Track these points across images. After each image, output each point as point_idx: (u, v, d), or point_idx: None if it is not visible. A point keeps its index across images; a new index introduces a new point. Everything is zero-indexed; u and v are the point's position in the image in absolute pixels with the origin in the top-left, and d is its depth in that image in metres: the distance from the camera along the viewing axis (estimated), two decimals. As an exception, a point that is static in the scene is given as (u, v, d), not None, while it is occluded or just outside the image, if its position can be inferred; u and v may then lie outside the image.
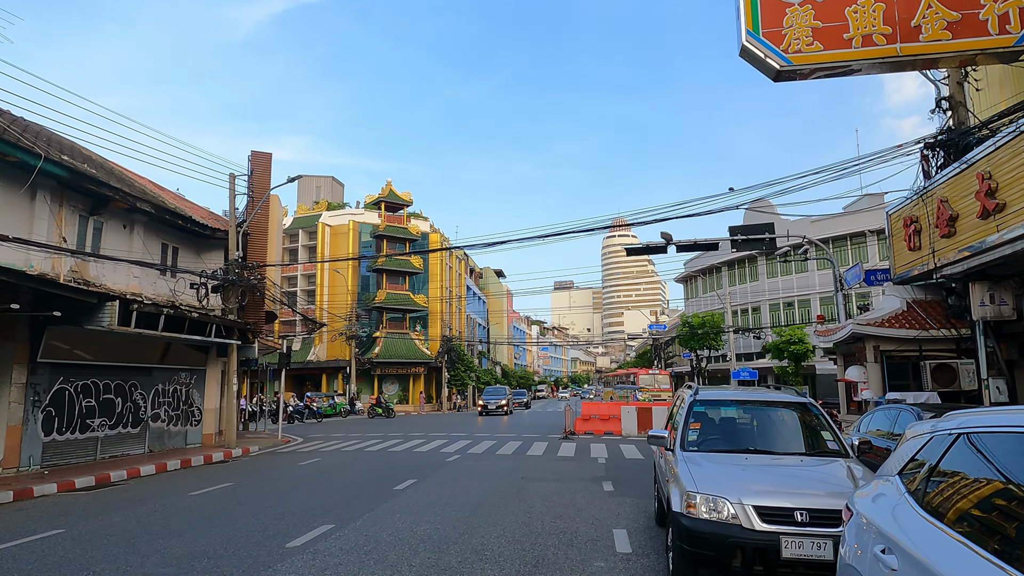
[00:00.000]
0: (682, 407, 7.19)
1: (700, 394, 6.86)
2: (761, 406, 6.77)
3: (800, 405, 6.67)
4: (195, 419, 21.31)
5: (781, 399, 6.78)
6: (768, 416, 6.69)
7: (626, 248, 18.15)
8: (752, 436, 6.48)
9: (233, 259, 21.14)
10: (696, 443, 6.34)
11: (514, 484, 11.73)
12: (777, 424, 6.61)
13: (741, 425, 6.69)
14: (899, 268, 13.93)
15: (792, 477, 5.49)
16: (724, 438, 6.49)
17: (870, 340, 13.31)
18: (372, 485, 11.93)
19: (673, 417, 7.94)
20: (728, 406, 6.90)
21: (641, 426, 22.36)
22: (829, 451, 6.12)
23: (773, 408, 6.73)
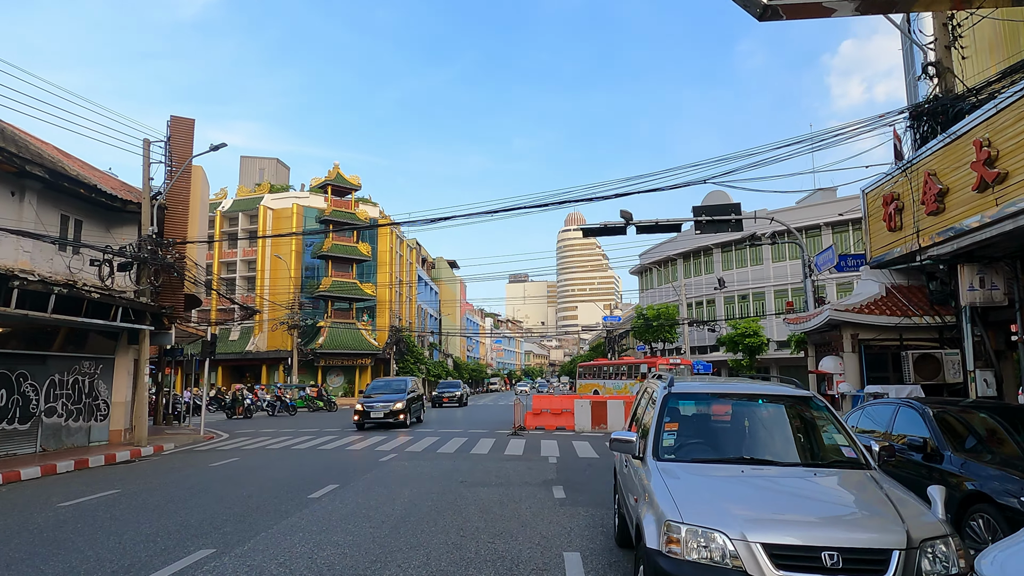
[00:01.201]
0: (651, 403, 5.71)
1: (676, 386, 5.37)
2: (754, 401, 5.32)
3: (802, 400, 5.25)
4: (101, 414, 19.00)
5: (778, 392, 5.35)
6: (763, 414, 5.24)
7: (582, 228, 16.74)
8: (745, 440, 5.01)
9: (146, 235, 18.86)
10: (673, 450, 4.85)
11: (451, 490, 10.13)
12: (775, 424, 5.17)
13: (730, 426, 5.23)
14: (876, 250, 12.83)
15: (808, 499, 4.04)
16: (709, 443, 5.00)
17: (848, 328, 12.20)
18: (284, 492, 10.17)
19: (638, 415, 6.46)
20: (712, 401, 5.42)
21: (595, 421, 21.03)
22: (845, 460, 4.70)
23: (769, 404, 5.29)
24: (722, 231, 15.97)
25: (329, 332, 50.75)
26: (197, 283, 21.47)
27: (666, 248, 52.78)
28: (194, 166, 21.39)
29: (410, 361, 55.86)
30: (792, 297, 42.17)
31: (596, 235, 16.65)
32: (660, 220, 16.15)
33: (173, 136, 20.40)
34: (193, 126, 20.96)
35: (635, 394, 7.12)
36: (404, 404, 23.03)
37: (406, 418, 22.95)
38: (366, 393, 24.98)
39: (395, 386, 25.20)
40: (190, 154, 20.50)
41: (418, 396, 26.42)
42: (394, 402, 22.93)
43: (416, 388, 26.24)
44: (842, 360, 12.21)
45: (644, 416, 5.84)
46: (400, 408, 22.81)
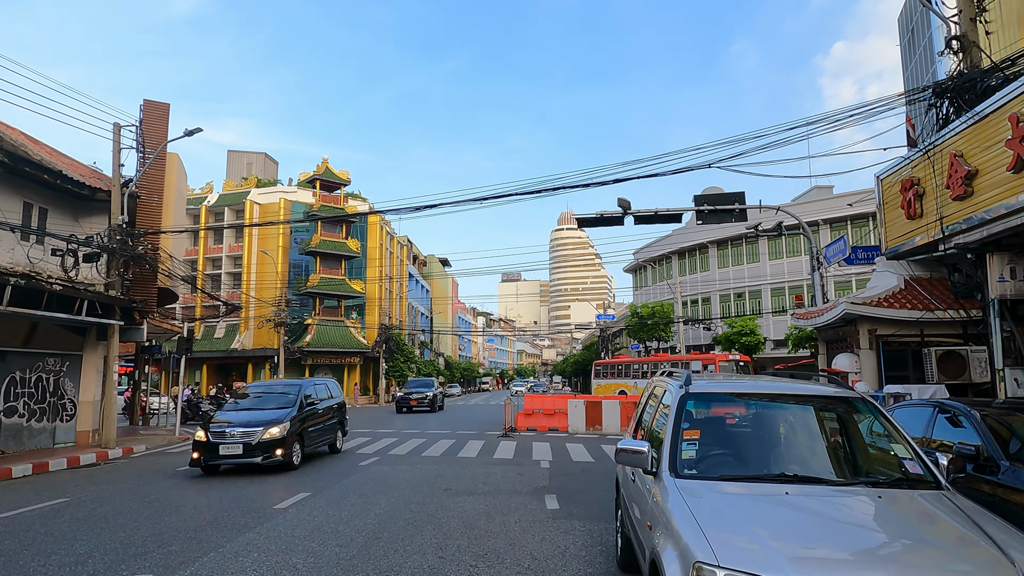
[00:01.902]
0: (661, 405, 4.79)
1: (694, 384, 4.44)
2: (792, 403, 4.40)
3: (850, 401, 4.34)
4: (67, 414, 17.94)
5: (820, 392, 4.43)
6: (803, 420, 4.32)
7: (577, 218, 15.82)
8: (785, 452, 4.08)
9: (116, 224, 17.80)
10: (695, 464, 3.93)
11: (433, 499, 9.18)
12: (819, 432, 4.26)
13: (764, 434, 4.29)
14: (893, 240, 11.96)
15: (881, 532, 3.12)
16: (740, 455, 4.06)
17: (864, 323, 11.33)
18: (249, 501, 9.19)
19: (644, 420, 5.54)
20: (741, 403, 4.49)
21: (589, 422, 20.12)
22: (911, 477, 3.78)
23: (807, 406, 4.37)
24: (725, 221, 15.12)
25: (317, 330, 49.64)
26: (172, 276, 20.42)
27: (661, 245, 51.96)
28: (169, 153, 20.36)
29: (400, 360, 54.81)
30: (790, 295, 41.44)
31: (592, 225, 15.75)
32: (659, 210, 15.25)
33: (146, 121, 19.33)
34: (168, 111, 19.89)
35: None
36: (285, 429, 12.19)
37: (289, 454, 12.18)
38: (225, 408, 13.98)
39: (278, 396, 13.80)
40: (164, 140, 19.44)
41: (330, 410, 15.00)
42: (265, 426, 12.10)
43: (328, 395, 15.21)
44: (858, 358, 11.32)
45: (654, 421, 4.91)
46: (275, 437, 11.99)
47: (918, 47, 45.88)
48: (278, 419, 12.39)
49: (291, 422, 12.49)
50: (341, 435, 15.74)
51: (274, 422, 12.25)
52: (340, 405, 15.90)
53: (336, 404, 15.62)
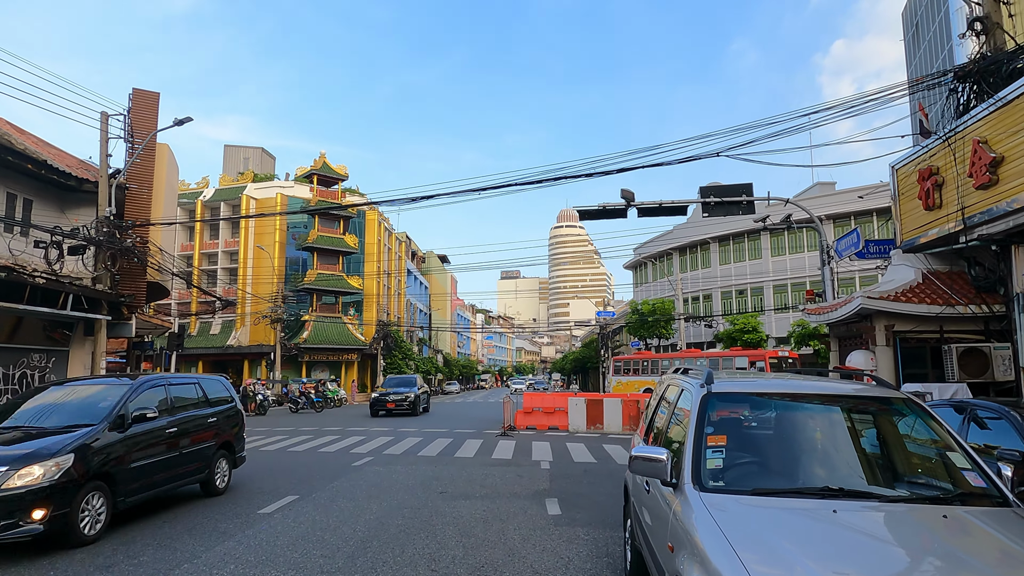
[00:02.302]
0: (679, 408, 4.28)
1: (717, 383, 3.93)
2: (827, 404, 3.89)
3: (895, 403, 3.82)
4: (53, 411, 17.38)
5: (860, 393, 3.91)
6: (841, 423, 3.81)
7: (579, 210, 15.30)
8: (824, 461, 3.57)
9: (103, 216, 17.27)
10: (723, 474, 3.42)
11: (428, 504, 8.68)
12: (860, 437, 3.75)
13: (798, 440, 3.77)
14: (909, 232, 11.47)
15: (956, 560, 2.60)
16: (772, 465, 3.54)
17: (881, 318, 10.82)
18: (232, 505, 8.69)
19: (657, 423, 5.04)
20: (769, 404, 3.96)
21: (590, 421, 19.63)
22: (975, 492, 3.27)
23: (847, 409, 3.86)
24: (732, 214, 14.62)
25: (314, 326, 49.11)
26: (162, 270, 19.88)
27: (662, 241, 51.45)
28: (160, 144, 19.81)
29: (398, 357, 54.30)
30: (792, 292, 40.97)
31: (594, 218, 15.24)
32: (664, 202, 14.74)
33: (135, 110, 18.77)
34: (157, 100, 19.36)
35: None
36: (59, 469, 6.40)
37: (65, 516, 6.38)
38: None
39: (77, 405, 7.88)
40: (154, 130, 18.89)
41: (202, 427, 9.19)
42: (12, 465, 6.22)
43: (200, 399, 9.51)
44: (874, 355, 10.82)
45: (669, 426, 4.40)
46: (30, 487, 6.16)
47: (923, 41, 45.39)
48: (46, 451, 6.53)
49: (84, 452, 6.79)
50: (227, 466, 9.81)
51: (35, 457, 6.41)
52: (227, 416, 10.02)
53: (217, 415, 9.68)
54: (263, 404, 30.78)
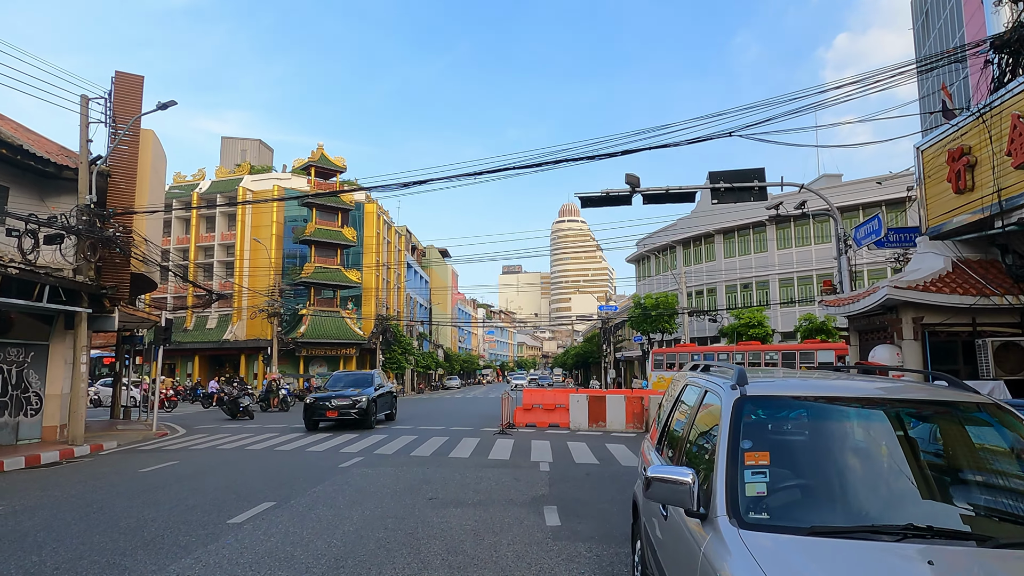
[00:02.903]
0: (703, 413, 3.50)
1: (751, 384, 3.14)
2: (893, 408, 3.09)
3: (979, 409, 3.04)
4: (32, 408, 16.71)
5: (936, 397, 3.11)
6: (915, 435, 3.02)
7: (581, 197, 14.49)
8: (898, 485, 2.78)
9: (82, 204, 16.50)
10: (768, 505, 2.64)
11: (414, 512, 7.92)
12: (949, 457, 2.96)
13: (861, 458, 2.98)
14: (936, 218, 10.66)
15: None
16: (832, 492, 2.75)
17: (908, 310, 10.03)
18: (202, 513, 7.93)
19: (672, 431, 4.26)
20: (821, 411, 3.15)
21: (592, 418, 18.87)
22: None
23: (919, 416, 3.07)
24: (743, 200, 13.82)
25: (311, 320, 48.41)
26: (148, 262, 19.11)
27: (665, 234, 50.62)
28: (144, 130, 19.02)
29: (397, 351, 53.58)
30: (799, 286, 40.15)
31: (597, 205, 14.44)
32: (671, 187, 13.92)
33: (118, 94, 17.98)
34: (141, 84, 18.55)
35: None
36: None
37: None
38: None
39: None
40: (137, 115, 18.10)
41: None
42: None
43: None
44: (900, 350, 10.04)
45: (690, 436, 3.61)
46: None
47: (932, 29, 44.39)
48: None
49: None
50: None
51: None
52: None
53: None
54: (286, 399, 29.73)
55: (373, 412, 19.59)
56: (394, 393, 23.09)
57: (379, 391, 20.70)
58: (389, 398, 22.23)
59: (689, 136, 10.89)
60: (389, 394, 22.32)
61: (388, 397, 22.06)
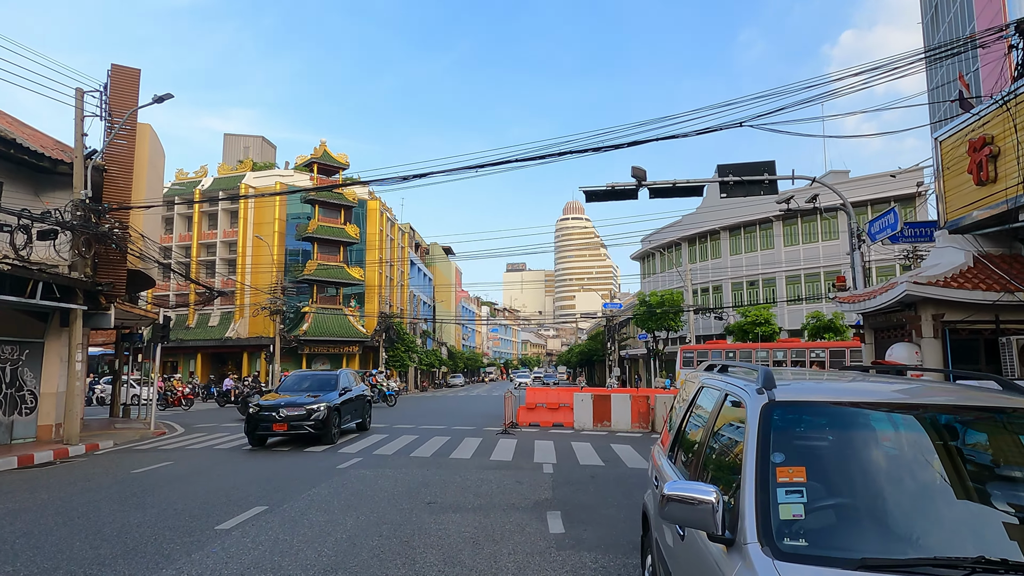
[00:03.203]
0: (720, 419, 3.14)
1: (781, 389, 2.77)
2: (949, 415, 2.71)
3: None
4: (27, 406, 16.43)
5: (991, 404, 2.73)
6: (970, 447, 2.65)
7: (586, 191, 14.10)
8: (955, 507, 2.40)
9: (77, 198, 16.19)
10: (807, 529, 2.26)
11: (412, 518, 7.57)
12: (1000, 469, 2.58)
13: (914, 474, 2.59)
14: (956, 211, 10.24)
15: None
16: (882, 514, 2.37)
17: (928, 306, 9.63)
18: (189, 518, 7.60)
19: (683, 435, 3.89)
20: (863, 420, 2.76)
21: (597, 418, 18.50)
22: None
23: (974, 425, 2.69)
24: (753, 194, 13.41)
25: (314, 318, 48.14)
26: (145, 258, 18.80)
27: (670, 231, 50.18)
28: (141, 124, 18.71)
29: (401, 349, 53.31)
30: (806, 283, 39.68)
31: (601, 199, 14.06)
32: (678, 181, 13.53)
33: (114, 88, 17.67)
34: (138, 77, 18.23)
35: None
36: None
37: None
38: None
39: None
40: (133, 108, 17.78)
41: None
42: None
43: None
44: (919, 348, 9.64)
45: (708, 445, 3.24)
46: None
47: (942, 23, 43.83)
48: None
49: None
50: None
51: None
52: None
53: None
54: None
55: (335, 423, 15.41)
56: (368, 398, 19.01)
57: (345, 396, 16.58)
58: (360, 404, 18.02)
59: (698, 127, 10.49)
60: (360, 399, 18.06)
61: (359, 403, 17.88)
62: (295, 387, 16.90)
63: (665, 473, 3.81)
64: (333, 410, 15.34)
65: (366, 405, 18.71)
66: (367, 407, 18.79)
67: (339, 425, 15.93)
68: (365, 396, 18.74)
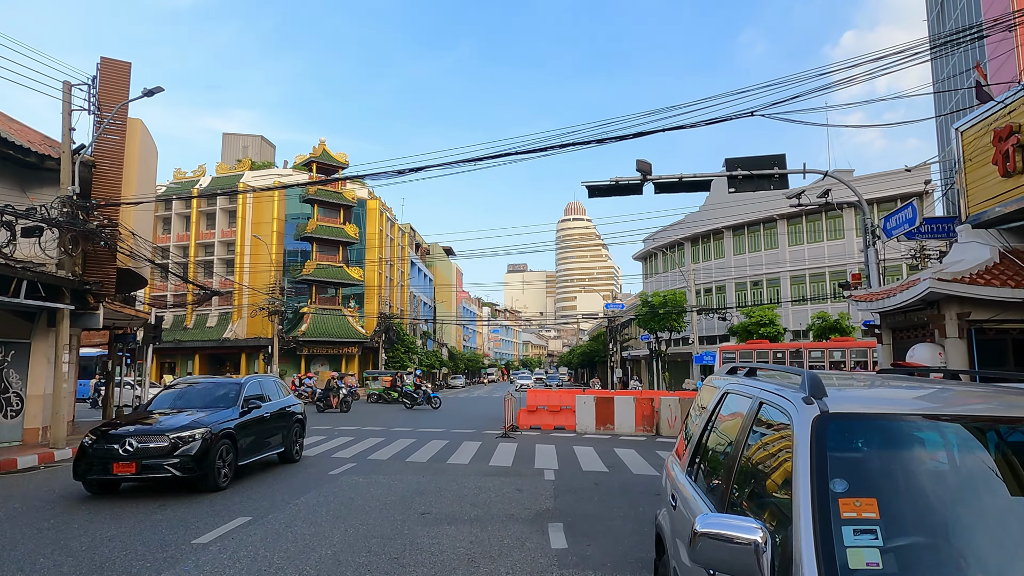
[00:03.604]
0: (752, 434, 2.64)
1: (833, 398, 2.26)
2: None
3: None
4: (13, 409, 15.94)
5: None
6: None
7: (588, 185, 13.61)
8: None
9: (64, 194, 15.71)
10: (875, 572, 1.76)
11: (403, 530, 7.06)
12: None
13: (1009, 505, 2.10)
14: (977, 205, 9.74)
15: None
16: (984, 565, 1.87)
17: (953, 305, 9.12)
18: (167, 530, 7.10)
19: (706, 448, 3.40)
20: (941, 436, 2.25)
21: (600, 421, 17.99)
22: None
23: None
24: (762, 189, 12.90)
25: (313, 319, 47.66)
26: (136, 256, 18.31)
27: (673, 231, 49.67)
28: (132, 119, 18.23)
29: (400, 350, 52.80)
30: (811, 283, 39.14)
31: (605, 194, 13.57)
32: (684, 175, 13.04)
33: (103, 82, 17.17)
34: (129, 71, 17.74)
35: None
36: None
37: None
38: None
39: None
40: (123, 102, 17.30)
41: None
42: None
43: None
44: (942, 350, 9.13)
45: (736, 462, 2.73)
46: None
47: (948, 20, 43.37)
48: None
49: None
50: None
51: None
52: None
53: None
54: (347, 399, 28.25)
55: (224, 458, 9.80)
56: (299, 414, 13.02)
57: (249, 415, 10.88)
58: (280, 424, 12.06)
59: (707, 117, 9.99)
60: (282, 418, 12.17)
61: (277, 423, 11.92)
62: (173, 403, 11.19)
63: (685, 493, 3.30)
64: (220, 438, 9.70)
65: (293, 426, 12.64)
66: (294, 428, 12.69)
67: (233, 460, 10.09)
68: (295, 412, 12.84)
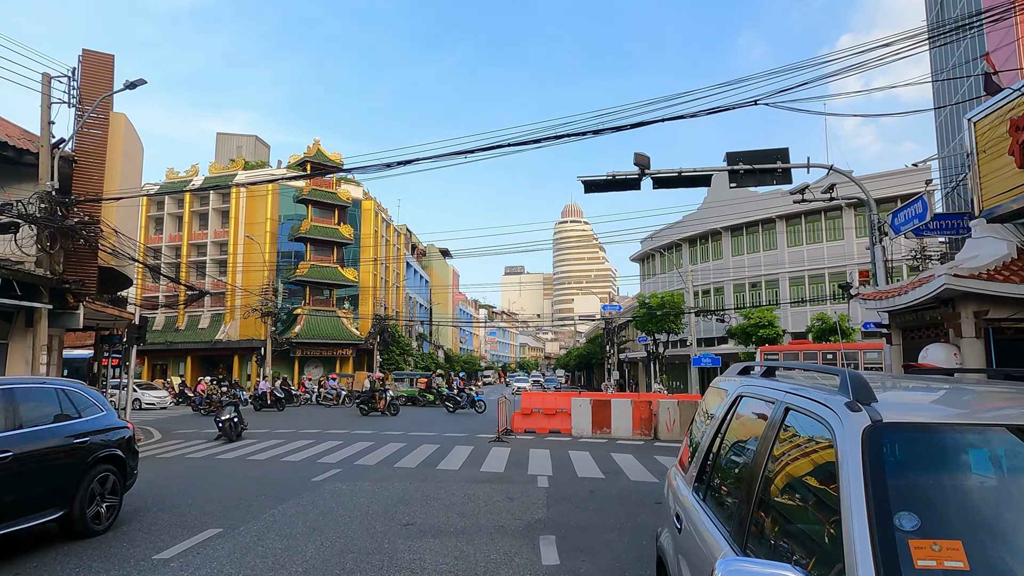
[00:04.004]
0: (777, 446, 2.14)
1: (881, 403, 1.77)
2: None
3: None
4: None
5: None
6: None
7: (585, 181, 13.13)
8: None
9: (42, 190, 15.19)
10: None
11: (383, 545, 6.56)
12: None
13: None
14: (991, 199, 9.28)
15: None
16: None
17: (969, 302, 8.65)
18: (128, 543, 6.59)
19: (718, 462, 2.91)
20: None
21: (596, 424, 17.49)
22: None
23: None
24: (764, 183, 12.43)
25: (307, 320, 47.09)
26: (119, 255, 17.77)
27: (670, 232, 49.24)
28: (116, 114, 17.70)
29: (395, 352, 52.23)
30: (810, 284, 38.73)
31: (602, 189, 13.09)
32: (684, 169, 12.56)
33: (85, 75, 16.67)
34: (112, 64, 17.27)
35: None
36: None
37: None
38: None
39: None
40: (105, 94, 16.79)
41: None
42: None
43: None
44: (957, 350, 8.65)
45: (757, 482, 2.23)
46: None
47: (948, 16, 43.09)
48: None
49: None
50: None
51: None
52: None
53: None
54: (394, 402, 27.34)
55: None
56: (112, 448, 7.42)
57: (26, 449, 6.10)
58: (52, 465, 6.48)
59: (709, 106, 9.51)
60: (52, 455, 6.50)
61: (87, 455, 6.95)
62: None
63: (694, 516, 2.81)
64: None
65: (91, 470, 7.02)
66: (131, 461, 7.98)
67: None
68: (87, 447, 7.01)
